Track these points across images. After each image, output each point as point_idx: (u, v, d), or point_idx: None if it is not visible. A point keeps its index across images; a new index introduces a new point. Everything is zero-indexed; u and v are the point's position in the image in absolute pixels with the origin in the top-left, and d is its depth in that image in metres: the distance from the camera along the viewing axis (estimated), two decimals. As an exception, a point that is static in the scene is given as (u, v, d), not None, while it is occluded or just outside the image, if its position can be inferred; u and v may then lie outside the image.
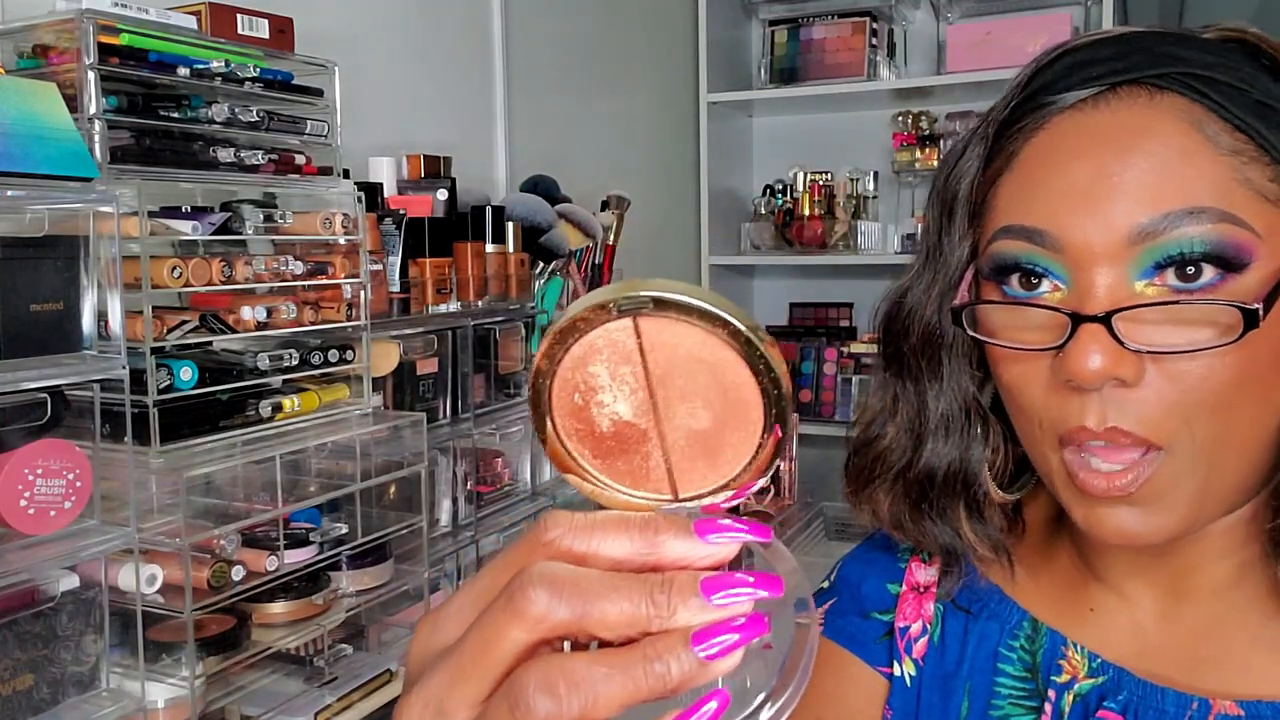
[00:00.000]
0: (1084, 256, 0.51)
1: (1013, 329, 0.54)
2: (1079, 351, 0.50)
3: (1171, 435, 0.50)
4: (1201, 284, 0.50)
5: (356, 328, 0.97)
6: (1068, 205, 0.52)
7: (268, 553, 0.85)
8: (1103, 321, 0.49)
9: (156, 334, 0.80)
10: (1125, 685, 0.57)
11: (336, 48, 1.00)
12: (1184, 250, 0.49)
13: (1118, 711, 0.56)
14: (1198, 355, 0.49)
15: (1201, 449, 0.51)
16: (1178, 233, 0.49)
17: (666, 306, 0.32)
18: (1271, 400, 0.51)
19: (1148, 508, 0.52)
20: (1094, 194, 0.51)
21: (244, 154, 0.89)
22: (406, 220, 1.18)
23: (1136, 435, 0.50)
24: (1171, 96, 0.52)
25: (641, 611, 0.31)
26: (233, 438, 0.86)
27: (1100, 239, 0.51)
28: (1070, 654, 0.59)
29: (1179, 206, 0.49)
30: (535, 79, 1.84)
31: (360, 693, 0.93)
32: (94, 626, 0.77)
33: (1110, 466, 0.51)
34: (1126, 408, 0.50)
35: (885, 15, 2.51)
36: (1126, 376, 0.49)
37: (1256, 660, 0.55)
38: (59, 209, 0.76)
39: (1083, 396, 0.51)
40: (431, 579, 1.10)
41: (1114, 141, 0.52)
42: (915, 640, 0.66)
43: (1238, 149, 0.50)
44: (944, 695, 0.63)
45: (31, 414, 0.72)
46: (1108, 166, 0.51)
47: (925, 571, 0.67)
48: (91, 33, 0.78)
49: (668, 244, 2.46)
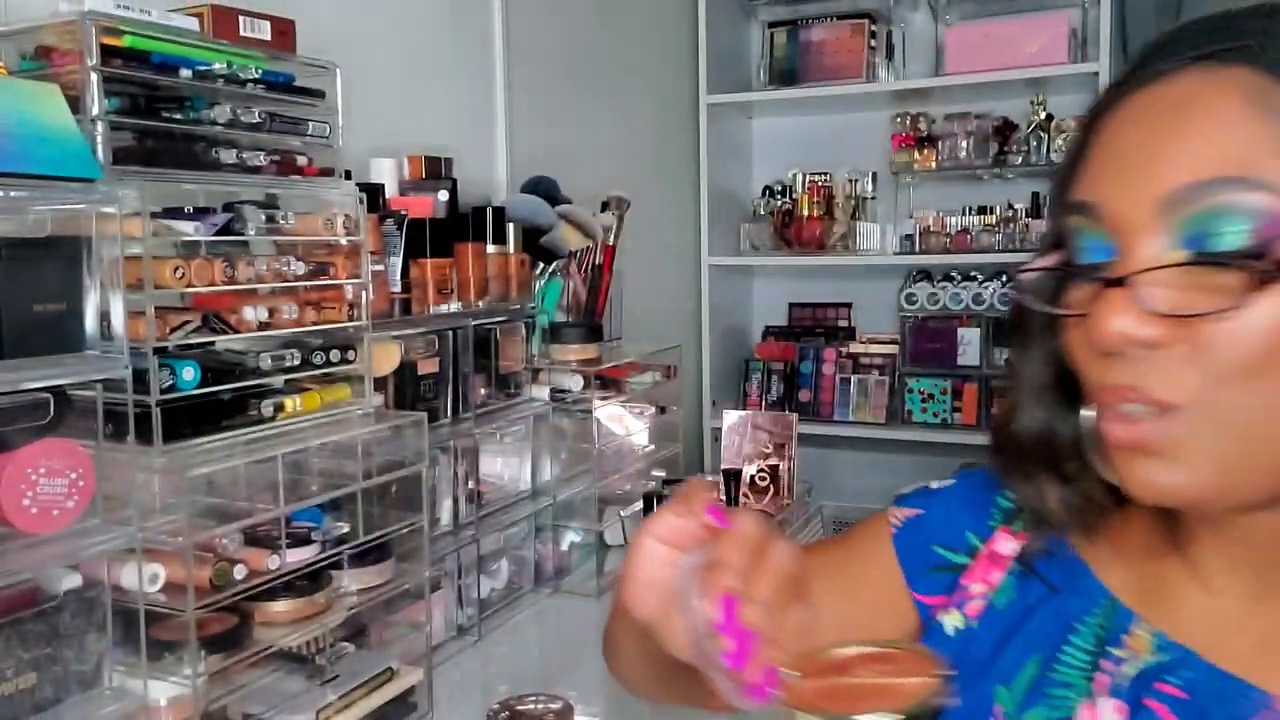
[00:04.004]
0: (1120, 224, 0.52)
1: (1074, 299, 0.55)
2: (1098, 315, 0.51)
3: (1191, 395, 0.51)
4: (1234, 250, 0.50)
5: (358, 328, 0.98)
6: (1115, 177, 0.53)
7: (269, 552, 0.85)
8: (1122, 284, 0.51)
9: (159, 334, 0.81)
10: (1190, 665, 0.57)
11: (338, 49, 1.00)
12: (1215, 216, 0.50)
13: (1179, 687, 0.57)
14: (1224, 318, 0.49)
15: (1229, 413, 0.51)
16: (1211, 200, 0.50)
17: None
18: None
19: (1170, 463, 0.52)
20: (1130, 164, 0.53)
21: (246, 155, 0.89)
22: (408, 221, 1.18)
23: (1153, 396, 0.51)
24: (1237, 69, 0.51)
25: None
26: (235, 437, 0.86)
27: (1132, 207, 0.52)
28: (1136, 630, 0.60)
29: (1212, 174, 0.50)
30: (535, 80, 1.85)
31: (362, 691, 0.93)
32: (96, 625, 0.77)
33: (1130, 417, 0.52)
34: (1152, 370, 0.51)
35: (884, 17, 2.52)
36: (1149, 338, 0.51)
37: None
38: (62, 210, 0.76)
39: (1109, 359, 0.52)
40: (432, 578, 1.10)
41: (1164, 113, 0.53)
42: (971, 600, 0.68)
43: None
44: (997, 654, 0.65)
45: (34, 414, 0.72)
46: (1149, 138, 0.52)
47: (1008, 543, 0.68)
48: (94, 34, 0.78)
49: (668, 244, 2.46)
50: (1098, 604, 0.63)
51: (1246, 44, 0.52)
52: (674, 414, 1.63)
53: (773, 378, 2.63)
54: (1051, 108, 2.32)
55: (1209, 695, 0.56)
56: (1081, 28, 2.34)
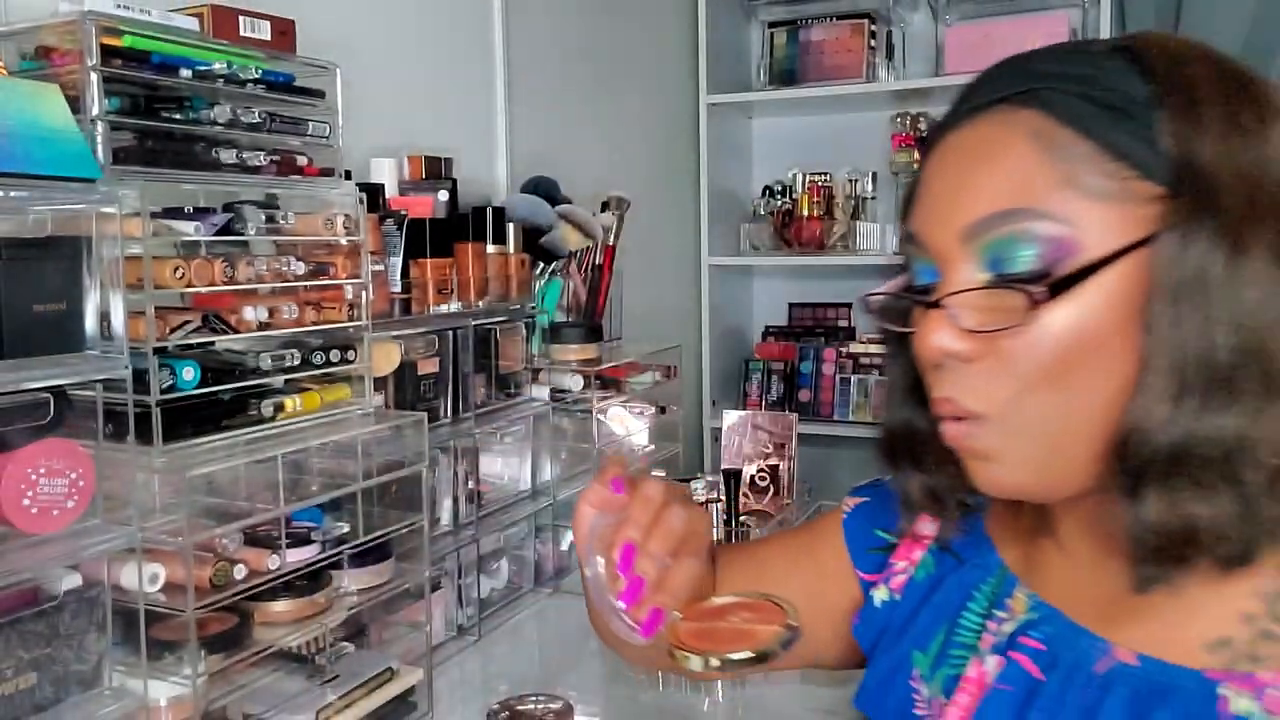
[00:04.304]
0: (936, 253, 0.61)
1: (915, 318, 0.64)
2: (919, 333, 0.60)
3: (997, 405, 0.59)
4: (1022, 273, 0.57)
5: (358, 328, 0.98)
6: (930, 211, 0.62)
7: (269, 551, 0.85)
8: (935, 306, 0.59)
9: (159, 334, 0.81)
10: (1052, 621, 0.66)
11: (338, 49, 1.00)
12: (1006, 244, 0.58)
13: (1039, 640, 0.65)
14: (1017, 333, 0.57)
15: (1032, 418, 0.58)
16: (997, 231, 0.58)
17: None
18: (1111, 373, 0.57)
19: (991, 464, 0.61)
20: (939, 201, 0.61)
21: (246, 155, 0.89)
22: (408, 221, 1.18)
23: (960, 405, 0.60)
24: (1028, 111, 0.59)
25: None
26: (235, 437, 0.86)
27: (941, 239, 0.60)
28: (1018, 594, 0.69)
29: (1001, 207, 0.58)
30: (535, 80, 1.85)
31: (362, 691, 0.93)
32: (97, 625, 0.77)
33: (951, 429, 0.61)
34: (963, 382, 0.59)
35: (884, 17, 2.52)
36: (959, 353, 0.59)
37: (1160, 623, 0.61)
38: (62, 210, 0.76)
39: (936, 372, 0.61)
40: (432, 578, 1.10)
41: (966, 153, 0.61)
42: (896, 575, 0.77)
43: (1077, 154, 0.57)
44: (913, 621, 0.75)
45: (35, 414, 0.72)
46: (953, 177, 0.61)
47: (929, 524, 0.77)
48: (94, 34, 0.78)
49: (668, 244, 2.46)
50: (992, 573, 0.72)
51: (1037, 89, 0.59)
52: (674, 414, 1.63)
53: (773, 378, 2.63)
54: (1051, 108, 2.32)
55: (1062, 645, 0.64)
56: (1081, 27, 2.34)
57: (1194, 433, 0.55)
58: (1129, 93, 0.58)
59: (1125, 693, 0.60)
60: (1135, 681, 0.60)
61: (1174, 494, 0.56)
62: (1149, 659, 0.61)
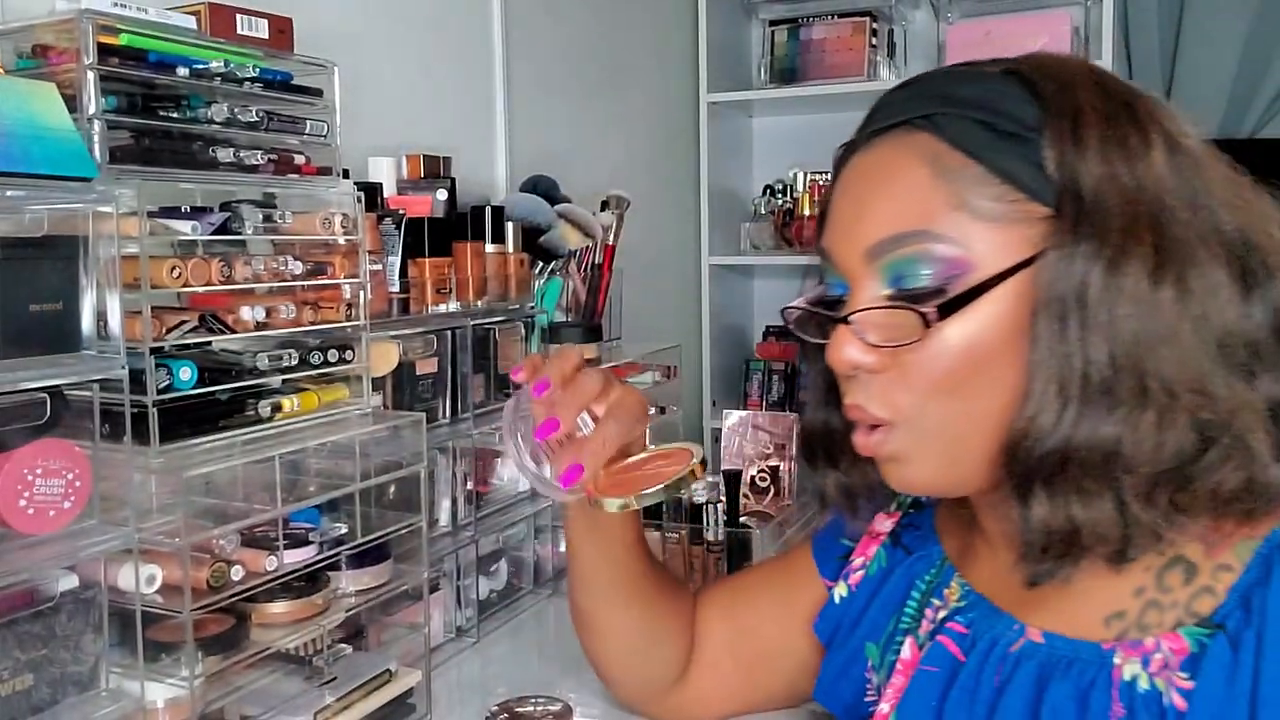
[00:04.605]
0: (847, 270, 0.65)
1: (820, 330, 0.69)
2: (830, 346, 0.64)
3: (902, 412, 0.63)
4: (919, 290, 0.61)
5: (356, 328, 0.97)
6: (837, 230, 0.66)
7: (267, 553, 0.85)
8: (842, 322, 0.64)
9: (156, 334, 0.80)
10: (978, 607, 0.71)
11: (336, 48, 1.00)
12: (903, 264, 0.62)
13: (963, 625, 0.71)
14: (916, 349, 0.61)
15: (937, 423, 0.63)
16: (896, 252, 0.62)
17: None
18: (1003, 383, 0.61)
19: (900, 465, 0.65)
20: (844, 222, 0.66)
21: (243, 154, 0.89)
22: (406, 220, 1.18)
23: (868, 412, 0.64)
24: (922, 134, 0.63)
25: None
26: (232, 438, 0.86)
27: (848, 257, 0.65)
28: (953, 583, 0.74)
29: (889, 234, 0.62)
30: (535, 79, 1.84)
31: (360, 692, 0.93)
32: (93, 626, 0.77)
33: (861, 436, 0.66)
34: (871, 391, 0.64)
35: (885, 15, 2.51)
36: (867, 365, 0.63)
37: (1064, 604, 0.66)
38: (58, 209, 0.76)
39: (847, 381, 0.66)
40: (431, 579, 1.10)
41: (867, 176, 0.65)
42: (854, 571, 0.83)
43: (965, 177, 0.61)
44: (866, 613, 0.80)
45: (31, 414, 0.72)
46: (856, 198, 0.65)
47: (884, 522, 0.83)
48: (91, 33, 0.78)
49: (668, 244, 2.46)
50: (934, 564, 0.77)
51: (930, 113, 0.63)
52: (674, 414, 1.62)
53: (773, 378, 2.63)
54: (1053, 107, 2.32)
55: (983, 628, 0.70)
56: (1084, 26, 2.34)
57: (1073, 439, 0.58)
58: (1018, 116, 0.61)
59: (1032, 667, 0.65)
60: (1041, 657, 0.65)
61: (1057, 496, 0.59)
62: (1054, 635, 0.66)
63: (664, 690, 0.91)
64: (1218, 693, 0.58)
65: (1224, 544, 0.62)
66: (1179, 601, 0.62)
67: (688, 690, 0.91)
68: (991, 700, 0.67)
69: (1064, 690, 0.63)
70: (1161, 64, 2.56)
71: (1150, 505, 0.59)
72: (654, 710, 0.93)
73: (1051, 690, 0.64)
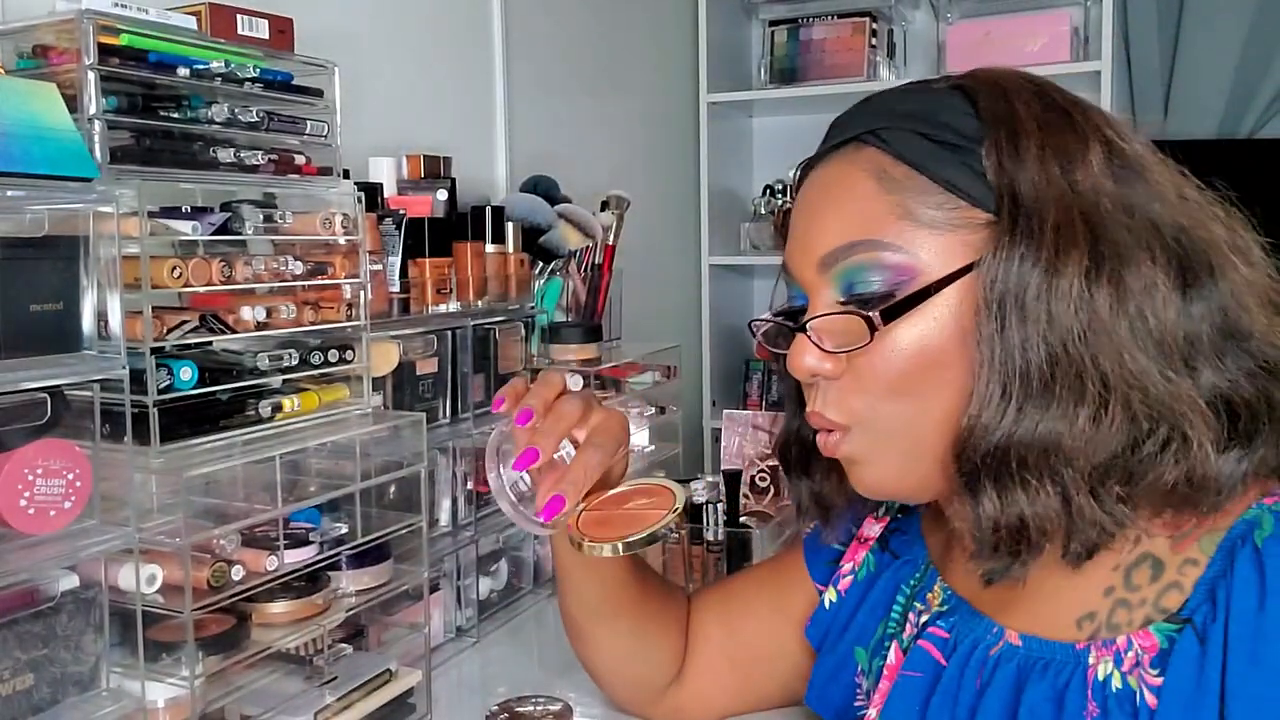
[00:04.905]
0: (804, 282, 0.68)
1: (783, 341, 0.70)
2: (790, 354, 0.67)
3: (857, 416, 0.65)
4: (869, 296, 0.64)
5: (356, 328, 0.97)
6: (794, 245, 0.69)
7: (267, 553, 0.85)
8: (800, 330, 0.66)
9: (156, 334, 0.81)
10: (959, 611, 0.72)
11: (336, 48, 1.00)
12: (853, 271, 0.64)
13: (944, 629, 0.72)
14: (867, 352, 0.63)
15: (890, 424, 0.65)
16: (846, 261, 0.64)
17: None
18: (952, 384, 0.63)
19: (864, 467, 0.67)
20: (799, 235, 0.68)
21: (244, 154, 0.89)
22: (406, 220, 1.18)
23: (825, 416, 0.66)
24: (869, 149, 0.66)
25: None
26: (232, 438, 0.86)
27: (804, 269, 0.67)
28: (936, 587, 0.75)
29: (841, 243, 0.65)
30: (535, 79, 1.84)
31: (360, 692, 0.93)
32: (94, 626, 0.77)
33: (823, 440, 0.68)
34: (827, 395, 0.66)
35: (885, 16, 2.51)
36: (825, 372, 0.66)
37: (1039, 606, 0.68)
38: (59, 209, 0.76)
39: (808, 388, 0.68)
40: (431, 579, 1.10)
41: (818, 192, 0.68)
42: (843, 576, 0.84)
43: (909, 187, 0.63)
44: (855, 618, 0.81)
45: (31, 414, 0.72)
46: (807, 213, 0.68)
47: (873, 526, 0.84)
48: (91, 33, 0.78)
49: (668, 244, 2.46)
50: (919, 568, 0.79)
51: (876, 128, 0.66)
52: (674, 414, 1.62)
53: (773, 378, 2.63)
54: (1052, 107, 2.31)
55: (963, 632, 0.71)
56: (1083, 26, 2.34)
57: (1015, 435, 0.60)
58: (958, 128, 0.64)
59: (1011, 670, 0.67)
60: (1019, 659, 0.67)
61: (1004, 493, 0.61)
62: (1030, 637, 0.67)
63: (659, 692, 0.92)
64: (1187, 687, 0.59)
65: (1189, 539, 0.63)
66: (1147, 599, 0.63)
67: (684, 692, 0.91)
68: (972, 704, 0.68)
69: (1041, 691, 0.64)
70: (1161, 64, 2.56)
71: (1094, 499, 0.60)
72: (651, 712, 0.93)
73: (1029, 692, 0.65)
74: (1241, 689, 0.57)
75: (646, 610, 0.89)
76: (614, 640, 0.89)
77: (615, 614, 0.87)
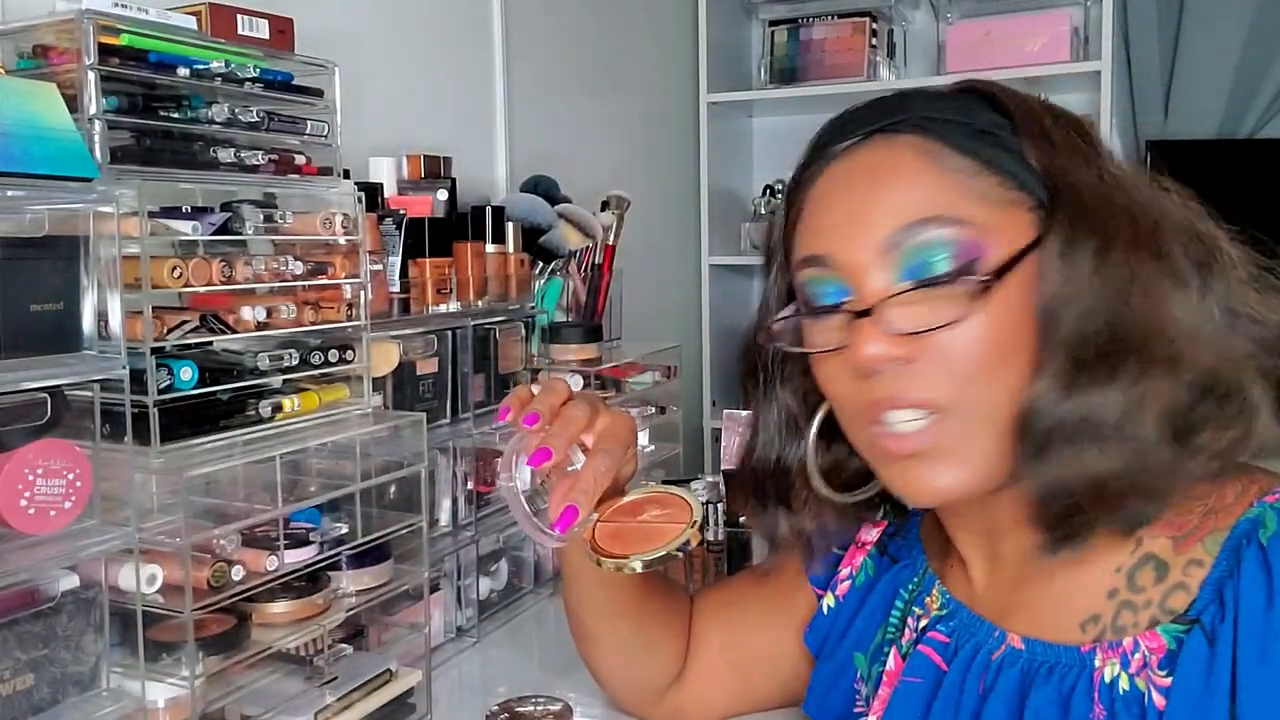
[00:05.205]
0: (854, 268, 0.65)
1: (820, 340, 0.68)
2: (858, 343, 0.63)
3: (950, 398, 0.62)
4: (945, 273, 0.62)
5: (356, 328, 0.97)
6: (838, 232, 0.66)
7: (268, 553, 0.85)
8: (869, 314, 0.63)
9: (156, 334, 0.81)
10: (958, 615, 0.72)
11: (336, 48, 1.00)
12: (924, 249, 0.62)
13: (944, 634, 0.72)
14: (954, 328, 0.61)
15: (980, 408, 0.63)
16: (917, 238, 0.63)
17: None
18: (1020, 361, 0.63)
19: (947, 461, 0.64)
20: (852, 218, 0.65)
21: (244, 154, 0.89)
22: (406, 220, 1.18)
23: (920, 399, 0.63)
24: (908, 136, 0.66)
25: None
26: (233, 438, 0.86)
27: (865, 254, 0.64)
28: (934, 591, 0.75)
29: (915, 217, 0.63)
30: (535, 79, 1.84)
31: (360, 692, 0.93)
32: (94, 626, 0.77)
33: (904, 429, 0.64)
34: (912, 380, 0.63)
35: (885, 16, 2.51)
36: (902, 355, 0.62)
37: (1042, 610, 0.68)
38: (59, 209, 0.76)
39: (869, 381, 0.64)
40: (431, 579, 1.10)
41: (864, 176, 0.66)
42: (841, 582, 0.84)
43: (962, 167, 0.64)
44: (853, 624, 0.81)
45: (32, 414, 0.72)
46: (861, 196, 0.66)
47: (870, 531, 0.84)
48: (91, 33, 0.78)
49: (668, 244, 2.46)
50: (917, 572, 0.78)
51: (913, 118, 0.66)
52: (674, 414, 1.62)
53: (773, 377, 2.63)
54: (1053, 107, 2.31)
55: (964, 636, 0.71)
56: (1083, 26, 2.34)
57: (1087, 404, 0.61)
58: (991, 120, 0.66)
59: (1014, 674, 0.66)
60: (1023, 662, 0.66)
61: (1075, 456, 0.61)
62: (1034, 641, 0.67)
63: (660, 693, 0.92)
64: (1196, 687, 0.59)
65: (1192, 539, 0.64)
66: (1153, 600, 0.64)
67: (684, 693, 0.92)
68: (975, 709, 0.67)
69: (1046, 695, 0.64)
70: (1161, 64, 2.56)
71: (1163, 454, 0.61)
72: (651, 713, 0.93)
73: (1034, 696, 0.64)
74: (1252, 687, 0.58)
75: (650, 611, 0.89)
76: (618, 640, 0.90)
77: (620, 615, 0.88)
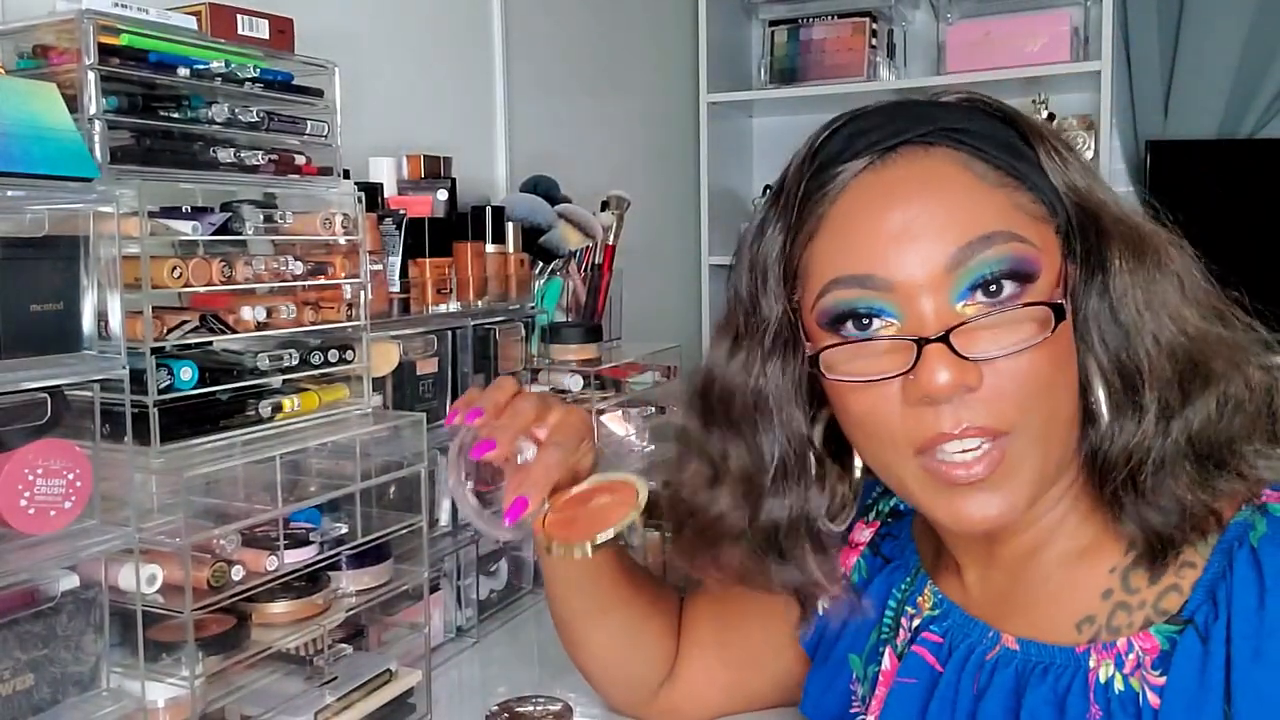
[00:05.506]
0: (911, 290, 0.60)
1: (855, 367, 0.63)
2: (929, 370, 0.58)
3: (1014, 421, 0.60)
4: (1005, 295, 0.60)
5: (356, 328, 0.97)
6: (890, 250, 0.60)
7: (268, 553, 0.85)
8: (943, 340, 0.59)
9: (156, 334, 0.81)
10: (951, 616, 0.72)
11: (336, 48, 1.00)
12: (989, 269, 0.59)
13: (938, 634, 0.72)
14: (1023, 352, 0.59)
15: (1039, 428, 0.61)
16: (981, 256, 0.59)
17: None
18: (1072, 379, 0.62)
19: (1001, 488, 0.61)
20: (907, 236, 0.60)
21: (244, 154, 0.89)
22: (406, 220, 1.18)
23: (987, 427, 0.60)
24: (941, 148, 0.62)
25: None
26: (233, 438, 0.86)
27: (922, 273, 0.60)
28: (927, 591, 0.75)
29: (977, 234, 0.59)
30: (535, 79, 1.84)
31: (360, 693, 0.93)
32: (94, 626, 0.77)
33: (965, 456, 0.60)
34: (975, 407, 0.59)
35: (885, 16, 2.51)
36: (970, 382, 0.59)
37: (1036, 611, 0.67)
38: (59, 209, 0.76)
39: (937, 408, 0.60)
40: (431, 579, 1.10)
41: (910, 190, 0.61)
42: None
43: (1003, 182, 0.61)
44: (847, 625, 0.80)
45: (32, 414, 0.72)
46: (911, 211, 0.61)
47: (863, 532, 0.83)
48: (91, 33, 0.78)
49: (668, 244, 2.45)
50: (910, 573, 0.78)
51: (941, 129, 0.63)
52: (674, 414, 1.62)
53: (773, 377, 2.63)
54: (1053, 107, 2.32)
55: (958, 637, 0.70)
56: (1083, 26, 2.34)
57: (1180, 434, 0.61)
58: (1006, 134, 0.64)
59: (1009, 674, 0.66)
60: (1017, 663, 0.66)
61: (1173, 487, 0.61)
62: (1028, 642, 0.67)
63: (653, 691, 0.92)
64: (1190, 686, 0.60)
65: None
66: (1146, 601, 0.64)
67: (678, 691, 0.91)
68: (971, 709, 0.68)
69: (1041, 695, 0.64)
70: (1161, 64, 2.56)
71: (1220, 469, 0.62)
72: (645, 712, 0.93)
73: (1029, 696, 0.65)
74: (1246, 685, 0.58)
75: (636, 607, 0.88)
76: (604, 638, 0.89)
77: (604, 611, 0.87)
